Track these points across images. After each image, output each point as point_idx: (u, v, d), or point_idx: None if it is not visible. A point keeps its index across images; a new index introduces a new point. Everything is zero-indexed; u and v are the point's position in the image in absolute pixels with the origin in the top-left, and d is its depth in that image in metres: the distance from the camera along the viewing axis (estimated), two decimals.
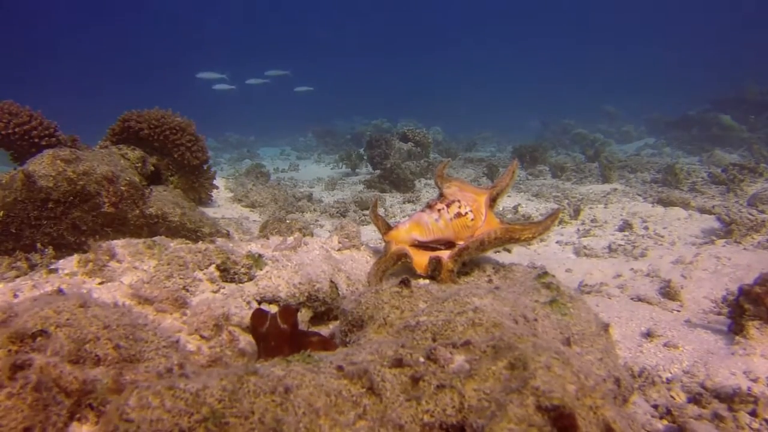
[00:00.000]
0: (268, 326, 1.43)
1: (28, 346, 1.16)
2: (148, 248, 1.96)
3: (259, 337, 1.45)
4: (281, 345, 1.42)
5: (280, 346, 1.42)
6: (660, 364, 2.44)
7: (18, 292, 1.78)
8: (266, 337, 1.43)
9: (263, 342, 1.44)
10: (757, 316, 2.56)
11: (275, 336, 1.43)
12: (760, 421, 1.90)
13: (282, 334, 1.43)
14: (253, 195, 6.06)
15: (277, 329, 1.43)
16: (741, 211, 5.10)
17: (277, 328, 1.43)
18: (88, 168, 3.04)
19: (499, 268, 1.97)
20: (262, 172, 8.49)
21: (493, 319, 1.22)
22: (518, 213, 6.17)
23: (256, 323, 1.45)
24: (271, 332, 1.43)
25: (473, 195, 2.04)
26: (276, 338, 1.42)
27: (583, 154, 12.01)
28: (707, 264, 3.95)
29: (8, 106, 4.10)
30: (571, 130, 17.43)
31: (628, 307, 3.26)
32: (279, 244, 2.23)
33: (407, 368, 1.04)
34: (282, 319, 1.44)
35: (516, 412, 0.89)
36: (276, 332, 1.43)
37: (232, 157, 15.17)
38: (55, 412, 1.08)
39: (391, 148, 9.38)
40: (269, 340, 1.43)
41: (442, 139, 15.39)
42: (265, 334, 1.43)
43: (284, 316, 1.45)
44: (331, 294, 2.00)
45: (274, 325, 1.43)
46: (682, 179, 7.66)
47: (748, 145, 12.25)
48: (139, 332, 1.33)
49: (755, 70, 23.40)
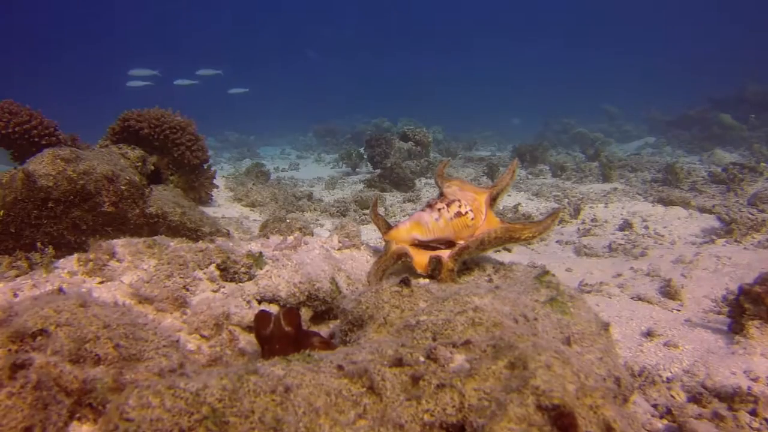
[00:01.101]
0: (272, 329, 1.42)
1: (28, 346, 1.16)
2: (148, 247, 1.95)
3: (262, 339, 1.44)
4: (285, 348, 1.41)
5: (284, 348, 1.40)
6: (660, 363, 2.45)
7: (18, 291, 1.78)
8: (270, 340, 1.42)
9: (267, 345, 1.43)
10: (757, 316, 2.56)
11: (279, 338, 1.41)
12: (760, 420, 1.90)
13: (286, 336, 1.41)
14: (254, 194, 6.06)
15: (281, 332, 1.42)
16: (741, 210, 5.10)
17: (281, 330, 1.42)
18: (89, 167, 3.04)
19: (500, 267, 1.97)
20: (263, 171, 8.49)
21: (493, 319, 1.22)
22: (518, 212, 6.17)
23: (260, 326, 1.44)
24: (274, 335, 1.42)
25: (473, 194, 2.04)
26: (280, 341, 1.41)
27: (584, 153, 12.01)
28: (707, 263, 3.95)
29: (8, 105, 4.10)
30: (572, 130, 17.43)
31: (629, 307, 3.26)
32: (279, 244, 2.23)
33: (407, 367, 1.04)
34: (286, 321, 1.43)
35: (516, 412, 0.89)
36: (280, 335, 1.41)
37: (233, 157, 15.17)
38: (55, 412, 1.08)
39: (392, 147, 9.38)
40: (273, 343, 1.41)
41: (442, 139, 15.39)
42: (268, 336, 1.42)
43: (288, 319, 1.43)
44: (332, 293, 1.99)
45: (278, 328, 1.42)
46: (682, 178, 7.66)
47: (748, 144, 12.25)
48: (139, 331, 1.33)
49: (755, 69, 23.40)
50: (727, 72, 25.83)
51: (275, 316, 1.44)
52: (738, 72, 22.02)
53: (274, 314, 1.46)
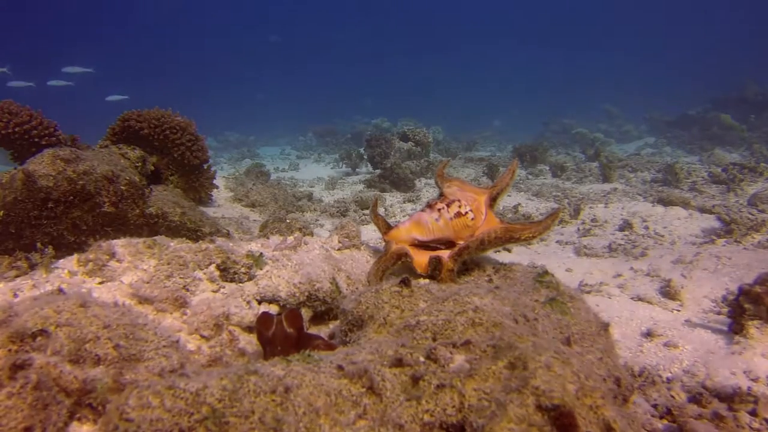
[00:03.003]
0: (274, 330, 1.42)
1: (28, 346, 1.16)
2: (148, 248, 1.95)
3: (264, 341, 1.43)
4: (287, 349, 1.40)
5: (286, 350, 1.40)
6: (660, 363, 2.45)
7: (18, 291, 1.78)
8: (272, 342, 1.42)
9: (269, 346, 1.42)
10: (757, 316, 2.56)
11: (281, 340, 1.41)
12: (760, 420, 1.90)
13: (288, 338, 1.41)
14: (253, 194, 6.07)
15: (283, 333, 1.41)
16: (741, 210, 5.10)
17: (283, 332, 1.41)
18: (89, 167, 3.04)
19: (499, 267, 1.97)
20: (262, 171, 8.49)
21: (493, 319, 1.22)
22: (518, 212, 6.17)
23: (262, 327, 1.44)
24: (277, 336, 1.41)
25: (473, 194, 2.04)
26: (282, 342, 1.41)
27: (584, 153, 12.01)
28: (707, 263, 3.95)
29: (8, 105, 4.10)
30: (572, 130, 17.43)
31: (629, 307, 3.26)
32: (279, 244, 2.23)
33: (407, 368, 1.04)
34: (288, 323, 1.43)
35: (516, 412, 0.89)
36: (282, 336, 1.41)
37: (232, 157, 15.17)
38: (55, 412, 1.08)
39: (392, 147, 9.38)
40: (275, 345, 1.41)
41: (442, 139, 15.38)
42: (270, 338, 1.42)
43: (290, 320, 1.43)
44: (332, 293, 1.99)
45: (280, 329, 1.42)
46: (682, 178, 7.66)
47: (748, 144, 12.25)
48: (139, 332, 1.33)
49: (755, 69, 23.39)
50: (727, 72, 25.82)
51: (277, 318, 1.44)
52: (738, 72, 22.03)
53: (277, 316, 1.46)
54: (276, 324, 1.42)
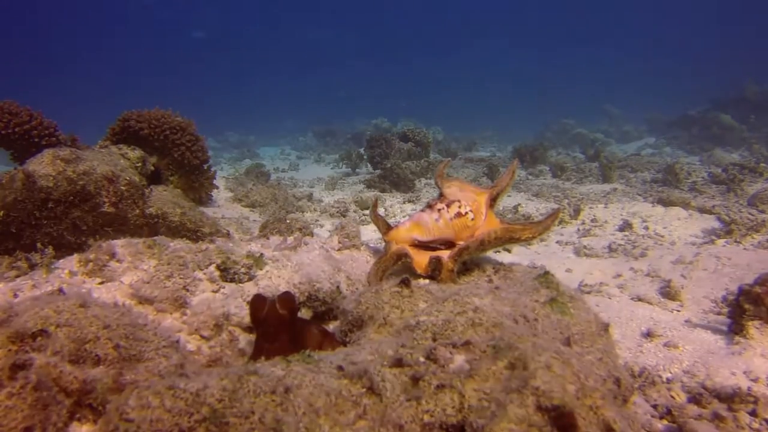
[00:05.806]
0: (267, 312, 1.42)
1: (28, 346, 1.16)
2: (148, 248, 1.95)
3: (257, 322, 1.43)
4: (279, 331, 1.41)
5: (279, 332, 1.41)
6: (660, 364, 2.44)
7: (18, 291, 1.78)
8: (265, 323, 1.41)
9: (262, 328, 1.42)
10: (757, 316, 2.56)
11: (274, 322, 1.41)
12: (760, 421, 1.90)
13: (281, 319, 1.41)
14: (253, 195, 6.07)
15: (275, 315, 1.41)
16: (741, 210, 5.10)
17: (276, 313, 1.41)
18: (88, 168, 3.04)
19: (499, 267, 1.97)
20: (262, 171, 8.50)
21: (493, 319, 1.22)
22: (518, 213, 6.17)
23: (255, 309, 1.44)
24: (270, 318, 1.41)
25: (473, 195, 2.04)
26: (275, 324, 1.41)
27: (584, 153, 12.01)
28: (707, 264, 3.95)
29: (8, 105, 4.10)
30: (572, 130, 17.43)
31: (628, 307, 3.25)
32: (279, 244, 2.23)
33: (407, 368, 1.04)
34: (281, 305, 1.43)
35: (516, 412, 0.89)
36: (275, 318, 1.41)
37: (232, 157, 15.17)
38: (55, 412, 1.08)
39: (392, 147, 9.38)
40: (268, 326, 1.41)
41: (442, 139, 15.39)
42: (263, 319, 1.42)
43: (283, 303, 1.43)
44: (332, 293, 1.99)
45: (272, 311, 1.41)
46: (682, 179, 7.66)
47: (748, 144, 12.25)
48: (139, 332, 1.33)
49: (755, 69, 23.38)
50: (727, 72, 25.81)
51: (270, 300, 1.44)
52: (738, 72, 22.01)
53: (270, 299, 1.46)
54: (269, 306, 1.42)
